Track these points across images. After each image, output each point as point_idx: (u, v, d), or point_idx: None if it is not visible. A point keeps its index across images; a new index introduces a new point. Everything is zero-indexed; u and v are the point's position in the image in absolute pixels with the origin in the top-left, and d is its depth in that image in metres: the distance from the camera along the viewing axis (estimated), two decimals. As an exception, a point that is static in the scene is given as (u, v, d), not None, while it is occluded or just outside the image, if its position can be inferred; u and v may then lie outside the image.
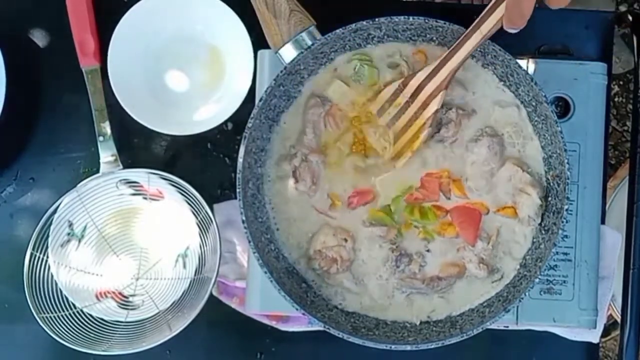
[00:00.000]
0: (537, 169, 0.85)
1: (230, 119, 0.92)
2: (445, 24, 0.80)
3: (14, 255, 0.93)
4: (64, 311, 0.90)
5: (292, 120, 0.86)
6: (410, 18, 0.81)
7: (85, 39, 0.94)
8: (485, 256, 0.84)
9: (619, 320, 0.99)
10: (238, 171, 0.80)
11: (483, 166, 0.84)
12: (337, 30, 0.81)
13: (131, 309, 0.93)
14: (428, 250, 0.85)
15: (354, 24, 0.81)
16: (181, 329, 0.88)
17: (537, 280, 0.80)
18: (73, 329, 0.89)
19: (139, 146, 0.96)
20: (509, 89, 0.85)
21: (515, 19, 0.70)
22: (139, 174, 0.93)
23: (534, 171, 0.84)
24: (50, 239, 0.91)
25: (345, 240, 0.85)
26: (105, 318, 0.92)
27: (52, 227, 0.91)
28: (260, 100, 0.81)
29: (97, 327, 0.91)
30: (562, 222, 0.79)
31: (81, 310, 0.91)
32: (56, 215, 0.91)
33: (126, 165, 0.93)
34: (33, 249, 0.90)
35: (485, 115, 0.85)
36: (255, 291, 0.88)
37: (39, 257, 0.90)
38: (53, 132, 0.97)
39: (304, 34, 0.82)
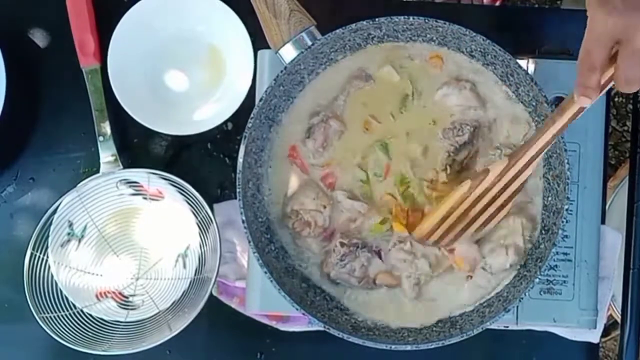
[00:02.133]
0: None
1: (230, 119, 0.92)
2: (445, 24, 0.80)
3: (14, 255, 0.93)
4: (64, 311, 0.90)
5: (332, 82, 0.86)
6: (410, 18, 0.81)
7: (85, 39, 0.94)
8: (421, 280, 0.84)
9: (619, 320, 0.99)
10: (238, 171, 0.80)
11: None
12: (337, 30, 0.81)
13: (131, 309, 0.93)
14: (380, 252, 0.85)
15: (354, 24, 0.81)
16: (181, 329, 0.88)
17: (537, 280, 0.80)
18: (73, 329, 0.90)
19: (139, 146, 0.97)
20: (510, 89, 0.85)
21: (622, 85, 0.68)
22: (139, 174, 0.93)
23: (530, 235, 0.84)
24: (50, 239, 0.91)
25: (324, 207, 0.85)
26: (105, 318, 0.92)
27: (52, 227, 0.91)
28: (260, 100, 0.81)
29: (97, 327, 0.91)
30: (562, 222, 0.79)
31: (81, 310, 0.91)
32: (56, 215, 0.91)
33: (126, 165, 0.93)
34: (33, 249, 0.90)
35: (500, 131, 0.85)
36: (255, 291, 0.88)
37: (39, 257, 0.90)
38: (53, 132, 0.97)
39: (304, 34, 0.82)
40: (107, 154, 0.93)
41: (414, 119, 0.85)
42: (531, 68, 0.87)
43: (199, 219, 0.92)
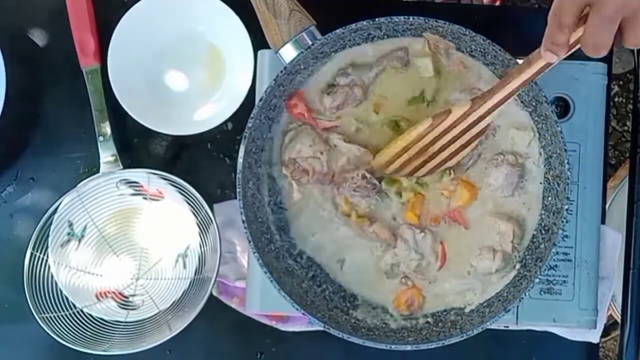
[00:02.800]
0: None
1: (230, 119, 0.92)
2: (445, 24, 0.80)
3: (14, 255, 0.93)
4: (64, 311, 0.90)
5: (373, 53, 0.86)
6: (410, 18, 0.81)
7: (85, 39, 0.94)
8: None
9: (619, 320, 0.99)
10: (238, 171, 0.81)
11: (497, 192, 0.85)
12: (337, 30, 0.81)
13: (131, 309, 0.93)
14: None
15: (354, 24, 0.81)
16: (181, 329, 0.88)
17: (537, 280, 0.80)
18: (73, 329, 0.90)
19: (139, 146, 0.97)
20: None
21: (589, 50, 0.67)
22: (139, 174, 0.93)
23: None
24: (50, 239, 0.91)
25: (321, 153, 0.85)
26: (105, 318, 0.92)
27: (52, 227, 0.91)
28: (260, 100, 0.81)
29: (97, 327, 0.91)
30: (562, 222, 0.79)
31: (81, 310, 0.91)
32: (56, 215, 0.91)
33: (126, 165, 0.93)
34: (33, 249, 0.90)
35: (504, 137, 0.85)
36: (255, 291, 0.88)
37: (39, 257, 0.90)
38: (53, 132, 0.97)
39: (304, 34, 0.82)
40: (107, 154, 0.93)
41: (425, 114, 0.85)
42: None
43: (199, 219, 0.92)
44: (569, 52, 0.70)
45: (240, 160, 0.81)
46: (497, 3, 1.40)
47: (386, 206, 0.87)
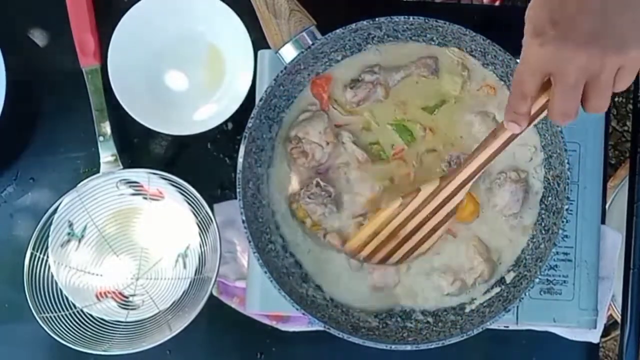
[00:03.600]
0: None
1: (230, 119, 0.92)
2: (445, 23, 0.80)
3: (14, 255, 0.93)
4: (64, 311, 0.90)
5: (404, 52, 0.86)
6: (410, 18, 0.81)
7: (85, 39, 0.94)
8: None
9: (619, 320, 0.99)
10: (238, 171, 0.81)
11: (504, 211, 0.85)
12: (337, 30, 0.81)
13: (131, 309, 0.93)
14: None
15: (354, 24, 0.81)
16: (181, 329, 0.87)
17: (537, 280, 0.80)
18: (73, 329, 0.89)
19: (139, 146, 0.96)
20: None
21: (557, 118, 0.66)
22: (139, 174, 0.93)
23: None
24: (50, 239, 0.91)
25: (327, 144, 0.85)
26: (106, 318, 0.92)
27: (52, 227, 0.91)
28: (260, 100, 0.81)
29: (97, 327, 0.91)
30: (562, 222, 0.80)
31: (81, 310, 0.91)
32: (56, 215, 0.91)
33: (126, 165, 0.93)
34: (33, 249, 0.90)
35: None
36: (255, 291, 0.88)
37: (39, 257, 0.90)
38: (53, 132, 0.97)
39: (304, 34, 0.82)
40: (107, 154, 0.93)
41: (440, 122, 0.86)
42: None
43: (199, 219, 0.92)
44: (532, 124, 0.69)
45: (240, 160, 0.81)
46: (497, 3, 1.40)
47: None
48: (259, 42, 0.87)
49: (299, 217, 0.86)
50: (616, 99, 1.77)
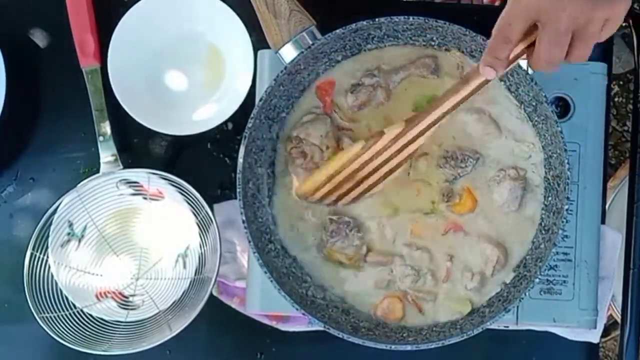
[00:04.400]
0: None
1: (230, 119, 0.92)
2: (445, 23, 0.80)
3: (14, 255, 0.93)
4: (64, 311, 0.90)
5: (402, 53, 0.86)
6: (410, 18, 0.81)
7: (85, 39, 0.94)
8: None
9: (619, 320, 0.99)
10: (238, 171, 0.81)
11: (504, 208, 0.85)
12: (337, 30, 0.81)
13: (131, 309, 0.93)
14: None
15: (354, 24, 0.81)
16: (181, 329, 0.88)
17: (537, 280, 0.80)
18: (73, 329, 0.89)
19: (139, 146, 0.96)
20: (509, 90, 0.85)
21: (542, 65, 0.67)
22: (139, 174, 0.93)
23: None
24: (50, 239, 0.91)
25: (327, 147, 0.85)
26: (106, 318, 0.92)
27: (52, 227, 0.91)
28: (260, 100, 0.81)
29: (97, 327, 0.91)
30: (562, 222, 0.79)
31: (81, 310, 0.91)
32: (56, 215, 0.91)
33: (126, 165, 0.93)
34: (33, 249, 0.90)
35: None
36: (255, 291, 0.88)
37: (39, 257, 0.90)
38: (53, 132, 0.97)
39: (304, 34, 0.82)
40: (107, 154, 0.93)
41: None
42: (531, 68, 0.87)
43: (199, 219, 0.92)
44: (507, 69, 0.69)
45: (240, 160, 0.81)
46: (497, 3, 1.40)
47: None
48: (259, 42, 0.87)
49: (336, 259, 0.86)
50: (616, 99, 1.78)
